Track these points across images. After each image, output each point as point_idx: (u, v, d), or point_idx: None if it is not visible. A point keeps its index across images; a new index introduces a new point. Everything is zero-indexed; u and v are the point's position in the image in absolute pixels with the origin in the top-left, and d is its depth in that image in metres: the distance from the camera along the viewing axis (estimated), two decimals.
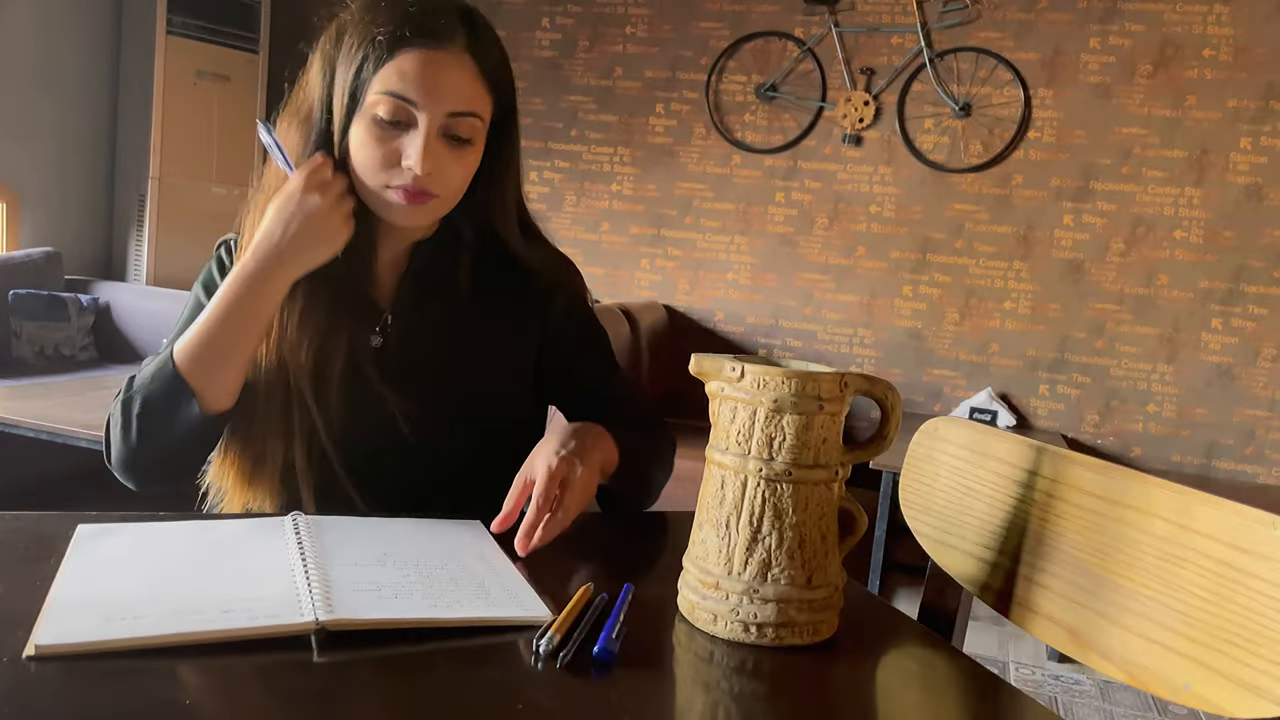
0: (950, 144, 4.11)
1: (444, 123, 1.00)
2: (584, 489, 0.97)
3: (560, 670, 0.71)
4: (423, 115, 0.99)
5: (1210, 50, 3.81)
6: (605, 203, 4.59)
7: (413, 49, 0.98)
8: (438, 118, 0.99)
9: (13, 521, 0.91)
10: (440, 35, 0.99)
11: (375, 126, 1.00)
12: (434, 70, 0.98)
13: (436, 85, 0.98)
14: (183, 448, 1.03)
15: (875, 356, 4.27)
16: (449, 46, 0.99)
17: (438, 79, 0.99)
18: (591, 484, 1.00)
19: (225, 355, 1.00)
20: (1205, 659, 0.69)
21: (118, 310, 4.09)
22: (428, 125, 0.99)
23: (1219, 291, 3.88)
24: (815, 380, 0.78)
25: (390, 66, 0.98)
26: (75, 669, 0.64)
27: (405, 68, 0.98)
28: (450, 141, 1.01)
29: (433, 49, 0.99)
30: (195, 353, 1.00)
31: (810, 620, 0.80)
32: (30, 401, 2.63)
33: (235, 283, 0.99)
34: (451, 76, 0.99)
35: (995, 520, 0.91)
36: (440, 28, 0.99)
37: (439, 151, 1.01)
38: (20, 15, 4.03)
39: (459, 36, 1.00)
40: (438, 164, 1.01)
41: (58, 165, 4.30)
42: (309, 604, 0.75)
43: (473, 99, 1.01)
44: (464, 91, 1.00)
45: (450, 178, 1.03)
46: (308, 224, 0.98)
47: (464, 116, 1.01)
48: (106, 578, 0.79)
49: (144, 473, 1.04)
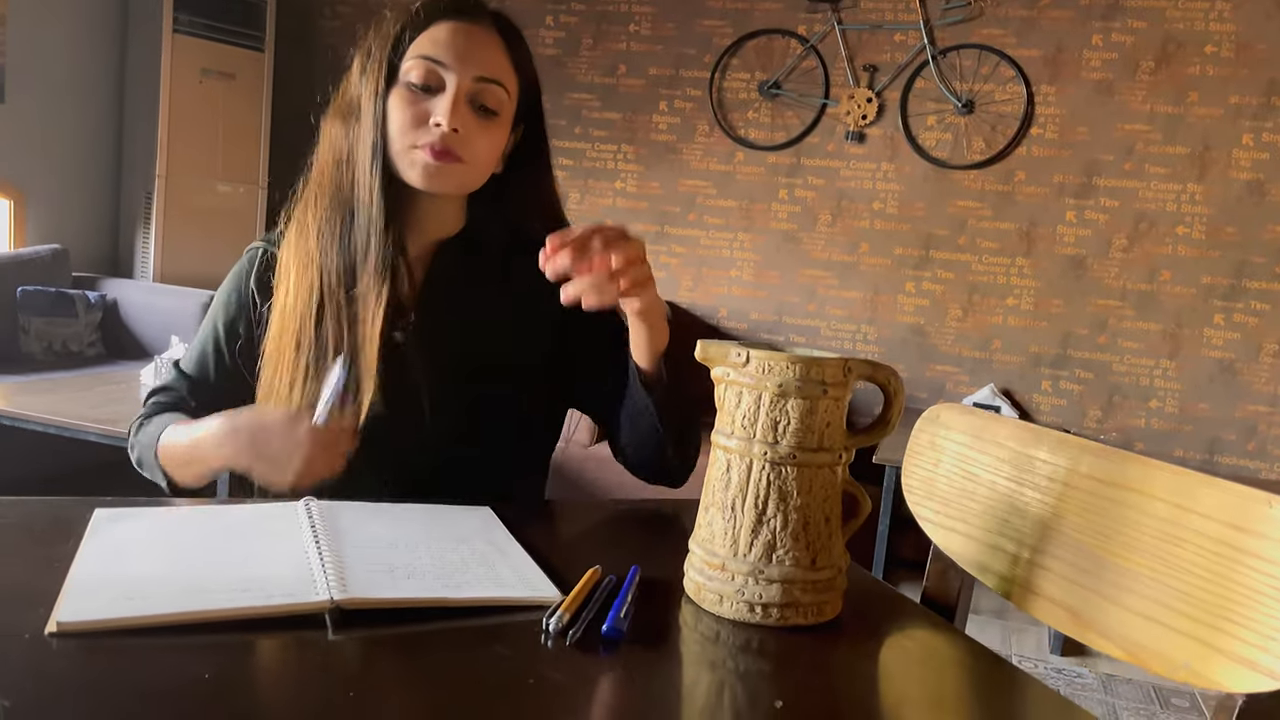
0: (953, 141, 4.12)
1: (471, 88, 1.06)
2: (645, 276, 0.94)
3: (569, 648, 0.72)
4: (451, 76, 1.05)
5: (1212, 47, 3.82)
6: (609, 200, 4.60)
7: (446, 20, 1.07)
8: (466, 80, 1.05)
9: (31, 506, 0.93)
10: (472, 13, 1.09)
11: (407, 91, 1.06)
12: (464, 38, 1.06)
13: (467, 50, 1.06)
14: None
15: (878, 353, 4.28)
16: (480, 22, 1.09)
17: (468, 45, 1.06)
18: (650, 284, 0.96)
19: (194, 472, 1.08)
20: (1204, 636, 0.70)
21: (125, 307, 4.11)
22: (456, 86, 1.05)
23: (1221, 287, 3.88)
24: (819, 365, 0.79)
25: (424, 35, 1.06)
26: (95, 646, 0.66)
27: (438, 35, 1.06)
28: (478, 111, 1.07)
29: (465, 21, 1.08)
30: (170, 454, 1.09)
31: (814, 601, 0.81)
32: (40, 396, 2.65)
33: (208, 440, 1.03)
34: (481, 45, 1.07)
35: (996, 504, 0.92)
36: (471, 6, 1.09)
37: (466, 116, 1.06)
38: (27, 14, 4.05)
39: (488, 16, 1.10)
40: (465, 127, 1.06)
41: (65, 163, 4.32)
42: (323, 584, 0.76)
43: (500, 69, 1.08)
44: (492, 61, 1.08)
45: (476, 146, 1.08)
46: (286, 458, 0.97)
47: (491, 84, 1.07)
48: (124, 558, 0.80)
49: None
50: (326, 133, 1.12)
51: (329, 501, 0.98)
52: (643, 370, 1.04)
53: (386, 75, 1.07)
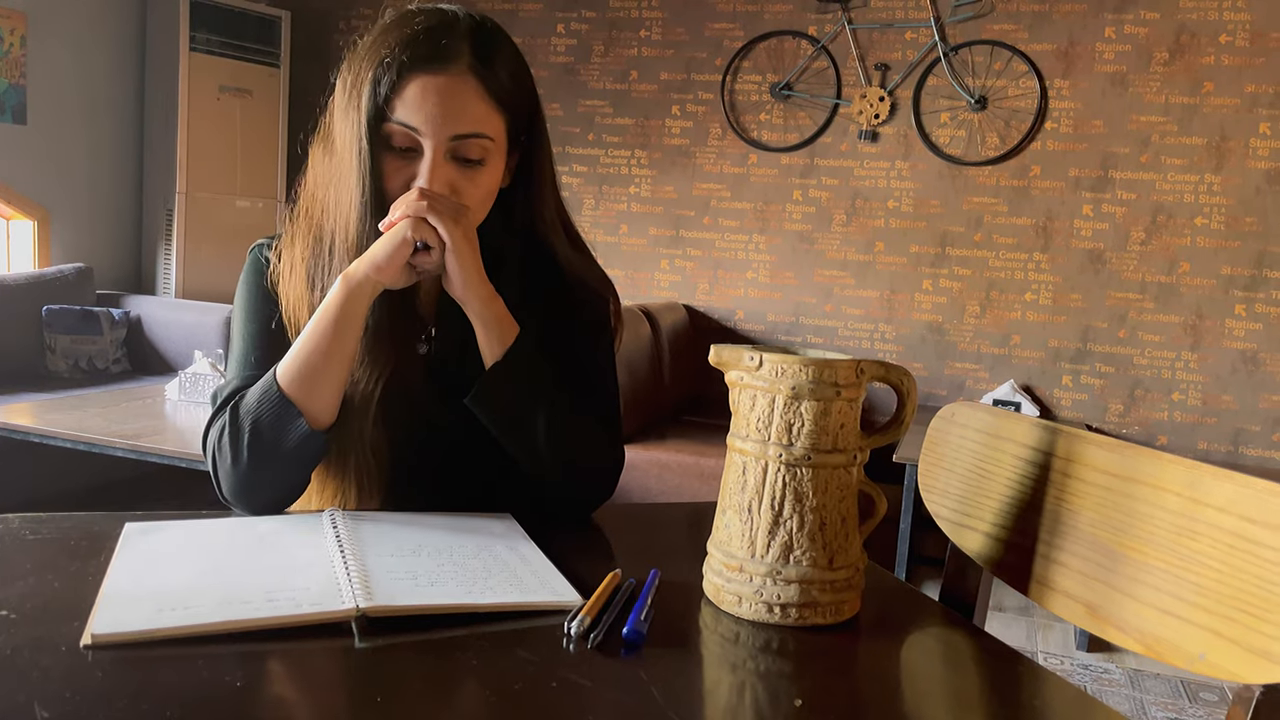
0: (967, 137, 4.11)
1: (449, 146, 1.01)
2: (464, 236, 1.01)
3: (591, 651, 0.73)
4: (427, 141, 1.01)
5: (1227, 36, 3.79)
6: (624, 205, 4.62)
7: (415, 74, 0.99)
8: (441, 143, 1.01)
9: (63, 522, 0.95)
10: (443, 58, 1.00)
11: (391, 156, 1.03)
12: (435, 96, 1.00)
13: (438, 110, 1.00)
14: (292, 468, 1.04)
15: (897, 351, 4.28)
16: (451, 69, 1.00)
17: (440, 104, 1.00)
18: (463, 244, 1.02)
19: (326, 369, 1.02)
20: (1219, 628, 0.70)
21: (148, 323, 4.17)
22: (433, 150, 1.01)
23: (1242, 278, 3.85)
24: (832, 367, 0.80)
25: (397, 95, 1.00)
26: (129, 656, 0.68)
27: (409, 95, 1.00)
28: (460, 163, 1.03)
29: (435, 73, 1.00)
30: (299, 372, 1.01)
31: (832, 600, 0.82)
32: (67, 414, 2.69)
33: (336, 297, 1.01)
34: (454, 100, 1.00)
35: (1012, 501, 0.93)
36: (442, 50, 1.00)
37: (448, 174, 1.02)
38: (47, 37, 4.11)
39: (462, 57, 1.01)
40: (448, 186, 1.02)
41: (87, 182, 4.38)
42: (349, 592, 0.78)
43: (478, 120, 1.02)
44: (468, 114, 1.01)
45: (465, 198, 1.04)
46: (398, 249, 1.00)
47: (470, 139, 1.02)
48: (155, 571, 0.82)
49: (257, 498, 1.04)
50: (314, 161, 1.09)
51: (353, 512, 1.00)
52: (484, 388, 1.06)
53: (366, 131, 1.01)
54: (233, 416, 1.03)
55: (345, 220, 1.04)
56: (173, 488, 3.69)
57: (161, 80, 4.44)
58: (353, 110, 1.02)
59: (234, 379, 1.11)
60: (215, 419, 1.07)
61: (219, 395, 1.10)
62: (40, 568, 0.83)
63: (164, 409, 2.85)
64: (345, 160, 1.04)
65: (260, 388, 1.03)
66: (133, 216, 4.62)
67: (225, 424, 1.04)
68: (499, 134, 1.05)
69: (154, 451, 2.40)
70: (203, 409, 2.88)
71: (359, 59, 1.03)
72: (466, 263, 1.02)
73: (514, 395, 1.07)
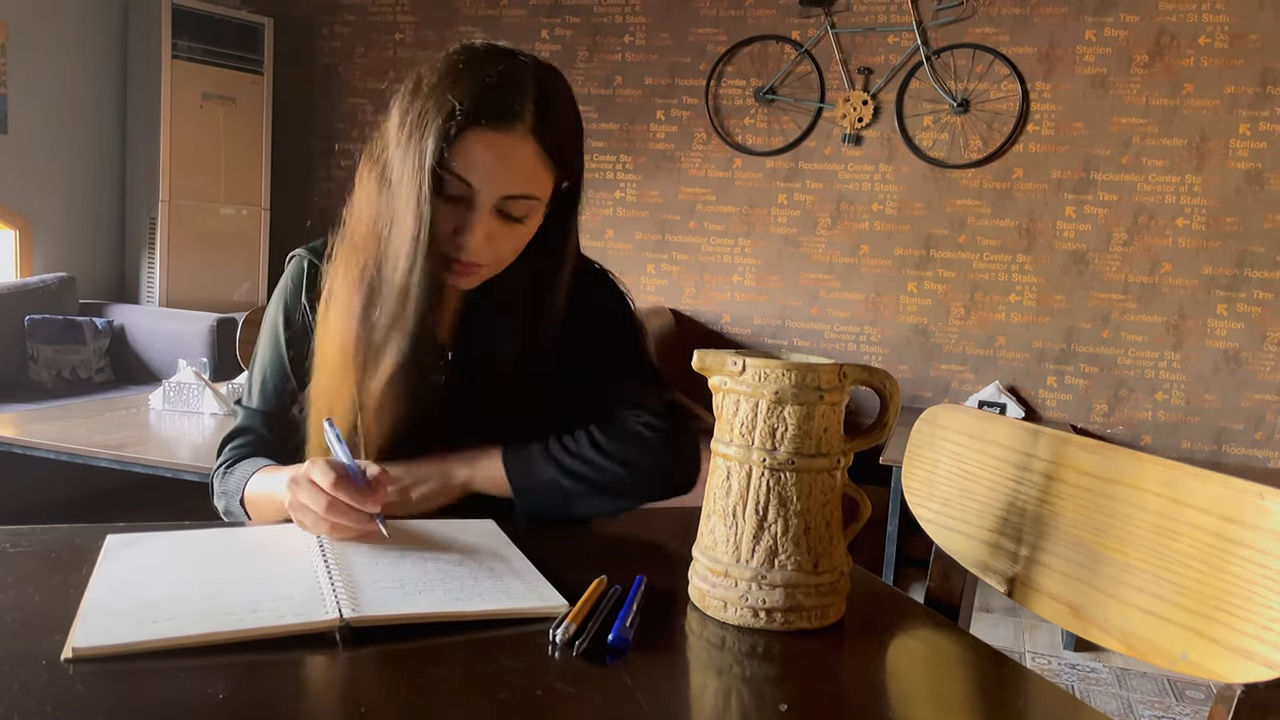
0: (950, 140, 4.13)
1: (498, 203, 1.03)
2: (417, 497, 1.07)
3: (576, 658, 0.73)
4: (478, 196, 1.01)
5: (1206, 38, 3.83)
6: (609, 210, 4.62)
7: (478, 129, 0.99)
8: (492, 199, 1.02)
9: (44, 534, 0.94)
10: (507, 115, 1.00)
11: (438, 199, 1.02)
12: (494, 154, 1.00)
13: (495, 169, 1.00)
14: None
15: (883, 354, 4.29)
16: (514, 128, 1.00)
17: (498, 163, 1.00)
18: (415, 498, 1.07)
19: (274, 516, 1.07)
20: (1200, 628, 0.71)
21: (132, 332, 4.14)
22: (481, 206, 1.02)
23: (1223, 278, 3.89)
24: (815, 371, 0.80)
25: (457, 144, 0.99)
26: (111, 669, 0.67)
27: (468, 148, 0.99)
28: (504, 218, 1.04)
29: (497, 131, 1.00)
30: (256, 507, 1.10)
31: (818, 604, 0.82)
32: (50, 424, 2.67)
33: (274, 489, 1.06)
34: (511, 161, 1.01)
35: (995, 503, 0.93)
36: (507, 107, 1.00)
37: (492, 227, 1.04)
38: (28, 45, 4.09)
39: (526, 116, 1.01)
40: (489, 239, 1.04)
41: (69, 191, 4.36)
42: (333, 602, 0.77)
43: (531, 182, 1.03)
44: (523, 175, 1.02)
45: (501, 251, 1.07)
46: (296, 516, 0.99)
47: (519, 199, 1.03)
48: (137, 583, 0.82)
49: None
50: (363, 186, 1.08)
51: None
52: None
53: (430, 182, 1.00)
54: (216, 478, 1.17)
55: (395, 263, 1.04)
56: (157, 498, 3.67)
57: (144, 88, 4.42)
58: (413, 154, 1.00)
59: (242, 415, 1.19)
60: (219, 456, 1.19)
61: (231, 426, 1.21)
62: (21, 580, 0.82)
63: (148, 419, 2.83)
64: (403, 205, 1.02)
65: (235, 485, 1.12)
66: (115, 225, 4.60)
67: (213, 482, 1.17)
68: (546, 192, 1.06)
69: (138, 461, 2.38)
70: (187, 418, 2.86)
71: (424, 95, 1.01)
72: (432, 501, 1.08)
73: (553, 497, 1.09)
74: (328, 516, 0.93)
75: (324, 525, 0.94)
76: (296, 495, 0.95)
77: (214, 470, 1.19)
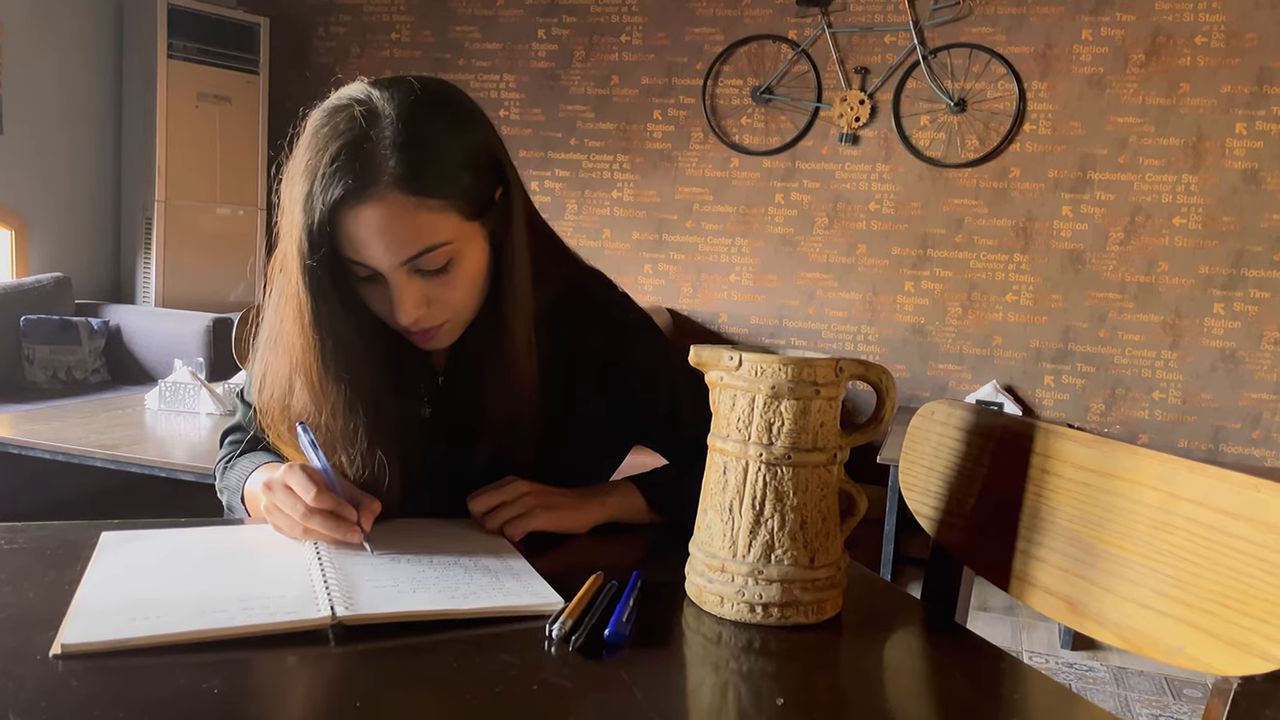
0: (946, 140, 4.13)
1: (406, 268, 0.94)
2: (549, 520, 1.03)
3: (573, 653, 0.73)
4: (383, 271, 0.94)
5: (1202, 38, 3.83)
6: (606, 210, 4.62)
7: (345, 207, 0.90)
8: (396, 270, 0.93)
9: (39, 531, 0.94)
10: (363, 182, 0.90)
11: (363, 283, 0.97)
12: (369, 229, 0.91)
13: (378, 241, 0.91)
14: None
15: (880, 353, 4.29)
16: (377, 192, 0.90)
17: (377, 235, 0.91)
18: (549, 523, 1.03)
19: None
20: (1196, 621, 0.71)
21: (128, 332, 4.14)
22: (394, 278, 0.94)
23: (1220, 277, 3.89)
24: (811, 366, 0.80)
25: (338, 231, 0.92)
26: (105, 665, 0.67)
27: (347, 232, 0.92)
28: (426, 275, 0.95)
29: (360, 203, 0.90)
30: (252, 499, 1.10)
31: (814, 599, 0.82)
32: (46, 424, 2.66)
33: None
34: (389, 226, 0.91)
35: (992, 498, 0.93)
36: (360, 174, 0.90)
37: (419, 290, 0.95)
38: (23, 44, 4.08)
39: (383, 173, 0.90)
40: (427, 302, 0.97)
41: (65, 191, 4.35)
42: (325, 600, 0.77)
43: (423, 234, 0.92)
44: (411, 233, 0.92)
45: (447, 302, 0.98)
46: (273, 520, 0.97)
47: (423, 255, 0.93)
48: (130, 579, 0.81)
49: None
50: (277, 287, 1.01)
51: None
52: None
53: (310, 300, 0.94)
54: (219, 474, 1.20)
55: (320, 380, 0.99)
56: (153, 498, 3.66)
57: (139, 88, 4.42)
58: (296, 254, 0.93)
59: (242, 410, 1.20)
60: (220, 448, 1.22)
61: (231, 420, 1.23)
62: (15, 577, 0.82)
63: (144, 419, 2.83)
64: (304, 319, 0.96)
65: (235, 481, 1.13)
66: (111, 225, 4.59)
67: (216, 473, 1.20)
68: (454, 230, 0.94)
69: (134, 461, 2.38)
70: (183, 418, 2.86)
71: (291, 175, 0.95)
72: (565, 522, 1.04)
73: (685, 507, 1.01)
74: (305, 524, 0.92)
75: (298, 530, 0.93)
76: (273, 501, 0.94)
77: (216, 464, 1.22)
